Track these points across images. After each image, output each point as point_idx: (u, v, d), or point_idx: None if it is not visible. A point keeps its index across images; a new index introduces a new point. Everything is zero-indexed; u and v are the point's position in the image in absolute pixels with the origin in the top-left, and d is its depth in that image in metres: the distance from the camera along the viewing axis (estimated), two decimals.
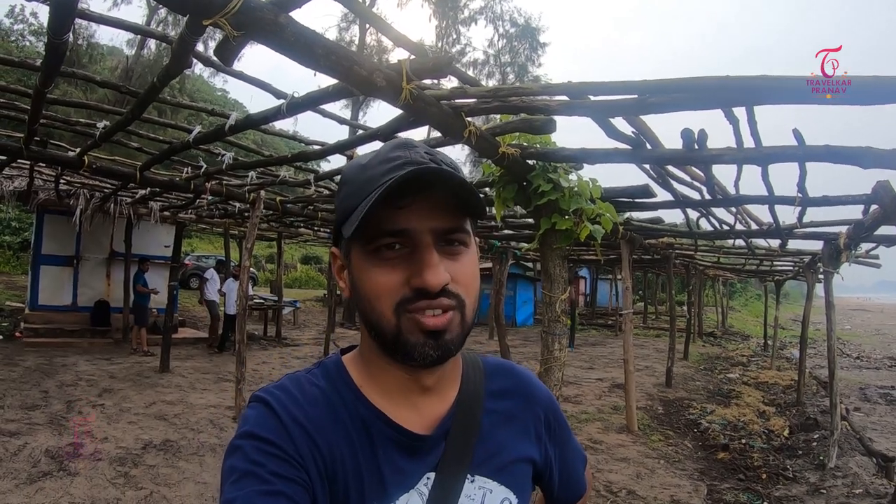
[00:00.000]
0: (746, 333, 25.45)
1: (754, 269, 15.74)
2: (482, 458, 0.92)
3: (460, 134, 3.05)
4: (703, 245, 10.50)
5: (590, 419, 8.12)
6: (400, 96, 2.44)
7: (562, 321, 4.11)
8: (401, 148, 0.84)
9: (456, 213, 0.82)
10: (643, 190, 4.82)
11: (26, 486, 4.75)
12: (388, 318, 0.80)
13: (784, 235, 7.05)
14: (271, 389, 0.86)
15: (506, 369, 1.06)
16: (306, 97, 3.23)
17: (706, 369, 13.87)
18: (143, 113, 4.22)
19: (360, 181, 0.82)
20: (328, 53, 2.16)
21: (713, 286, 27.16)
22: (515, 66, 35.37)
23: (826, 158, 2.72)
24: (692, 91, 2.27)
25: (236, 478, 0.76)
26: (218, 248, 29.26)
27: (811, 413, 9.05)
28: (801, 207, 5.14)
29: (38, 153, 5.90)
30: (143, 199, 9.68)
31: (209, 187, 7.20)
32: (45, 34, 2.78)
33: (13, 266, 23.04)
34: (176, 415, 7.18)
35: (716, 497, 5.60)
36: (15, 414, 6.61)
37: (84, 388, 8.15)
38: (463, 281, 0.82)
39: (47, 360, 9.74)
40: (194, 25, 2.28)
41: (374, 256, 0.80)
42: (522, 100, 2.73)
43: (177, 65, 2.88)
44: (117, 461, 5.48)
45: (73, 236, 12.13)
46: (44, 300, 12.18)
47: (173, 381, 9.08)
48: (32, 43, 25.67)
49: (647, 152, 3.39)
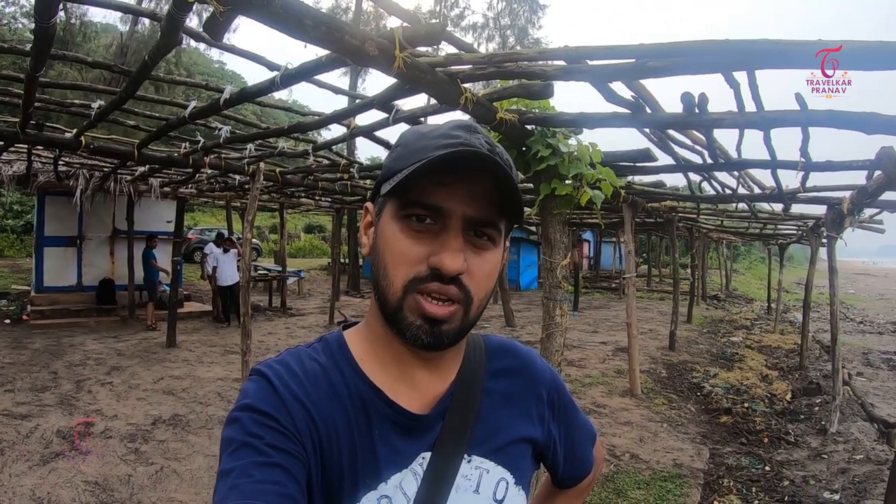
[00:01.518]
0: (750, 297, 25.47)
1: (758, 233, 15.68)
2: (480, 438, 0.92)
3: (456, 101, 3.01)
4: (706, 208, 10.46)
5: (593, 383, 8.19)
6: (393, 65, 2.41)
7: (563, 287, 4.11)
8: (463, 129, 0.84)
9: (493, 207, 0.82)
10: (644, 154, 4.78)
11: (39, 467, 4.83)
12: (395, 289, 0.80)
13: (787, 200, 7.01)
14: (271, 363, 0.86)
15: (507, 349, 1.05)
16: (300, 68, 3.19)
17: (710, 332, 13.93)
18: (137, 91, 4.19)
19: (414, 147, 0.82)
20: (318, 24, 2.12)
21: (717, 249, 27.12)
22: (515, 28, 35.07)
23: (829, 123, 2.68)
24: (691, 55, 2.24)
25: (234, 448, 0.76)
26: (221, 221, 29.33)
27: (814, 377, 9.10)
28: (803, 172, 5.10)
29: (35, 136, 5.91)
30: (143, 176, 9.68)
31: (208, 161, 7.20)
32: (32, 19, 2.74)
33: (17, 249, 23.20)
34: (184, 389, 7.28)
35: (718, 461, 5.67)
36: (25, 396, 6.70)
37: (92, 366, 8.26)
38: (478, 277, 0.82)
39: (55, 341, 9.84)
40: (181, 2, 2.26)
41: (404, 223, 0.81)
42: (519, 65, 2.70)
43: (167, 42, 2.85)
44: (128, 438, 5.58)
45: (74, 217, 12.22)
46: (49, 281, 12.29)
47: (180, 356, 9.20)
48: (25, 25, 25.36)
49: (647, 116, 3.35)
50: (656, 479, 5.02)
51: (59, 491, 4.42)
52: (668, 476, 5.08)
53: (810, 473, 5.43)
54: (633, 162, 5.02)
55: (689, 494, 4.79)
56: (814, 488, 5.09)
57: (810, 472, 5.47)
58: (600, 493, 4.70)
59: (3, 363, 8.19)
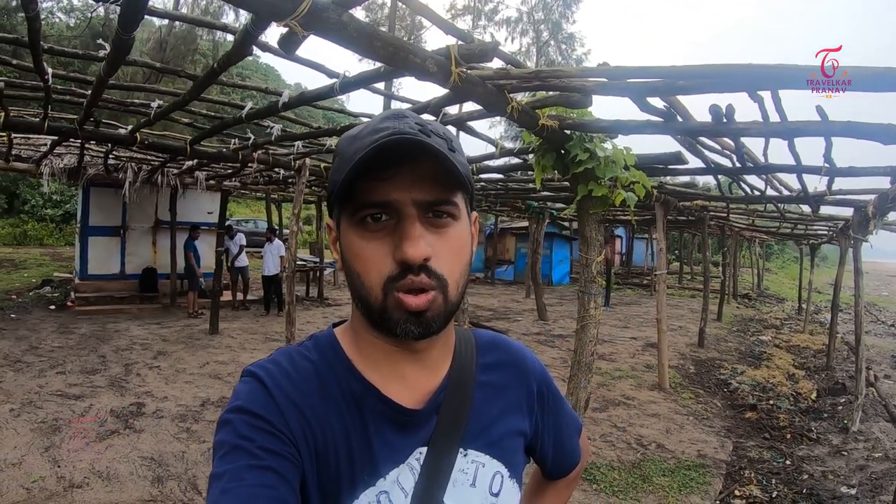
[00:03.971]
0: (782, 296, 25.06)
1: (789, 232, 15.55)
2: (475, 431, 0.92)
3: (503, 109, 3.27)
4: (737, 208, 10.51)
5: (623, 376, 8.34)
6: (450, 79, 2.67)
7: (597, 282, 4.35)
8: (390, 118, 0.83)
9: (440, 184, 0.81)
10: (675, 157, 4.98)
11: (96, 443, 5.10)
12: (375, 294, 0.80)
13: (813, 202, 7.12)
14: (264, 364, 0.87)
15: (497, 343, 1.06)
16: (358, 76, 3.45)
17: (739, 331, 13.90)
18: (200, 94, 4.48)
19: (349, 153, 0.80)
20: (386, 45, 2.39)
21: (749, 247, 26.72)
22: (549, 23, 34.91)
23: (847, 134, 2.86)
24: (717, 77, 2.45)
25: (225, 451, 0.77)
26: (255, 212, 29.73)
27: (839, 378, 9.12)
28: (828, 177, 5.24)
29: (92, 132, 6.14)
30: (190, 170, 9.95)
31: (257, 157, 7.47)
32: (115, 31, 2.85)
33: (56, 238, 23.65)
34: (229, 373, 7.54)
35: (741, 453, 5.81)
36: (77, 378, 6.99)
37: (139, 351, 8.55)
38: (446, 257, 0.81)
39: (100, 327, 10.16)
40: (261, 22, 2.46)
41: (360, 228, 0.80)
42: (562, 81, 2.94)
43: (238, 52, 3.05)
44: (178, 418, 5.84)
45: (119, 207, 12.58)
46: (93, 269, 12.64)
47: (223, 342, 9.46)
48: (62, 20, 25.41)
49: (678, 125, 3.55)
50: (680, 467, 5.20)
51: (117, 465, 4.68)
52: (692, 465, 5.26)
53: (829, 469, 5.56)
54: (665, 165, 5.20)
55: (711, 483, 4.97)
56: (832, 482, 5.22)
57: (829, 467, 5.60)
58: (627, 478, 4.91)
59: (53, 347, 8.51)
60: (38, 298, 12.56)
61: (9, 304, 11.69)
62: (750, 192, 7.47)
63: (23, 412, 5.75)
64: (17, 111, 6.86)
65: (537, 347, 10.15)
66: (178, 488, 4.40)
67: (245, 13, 2.47)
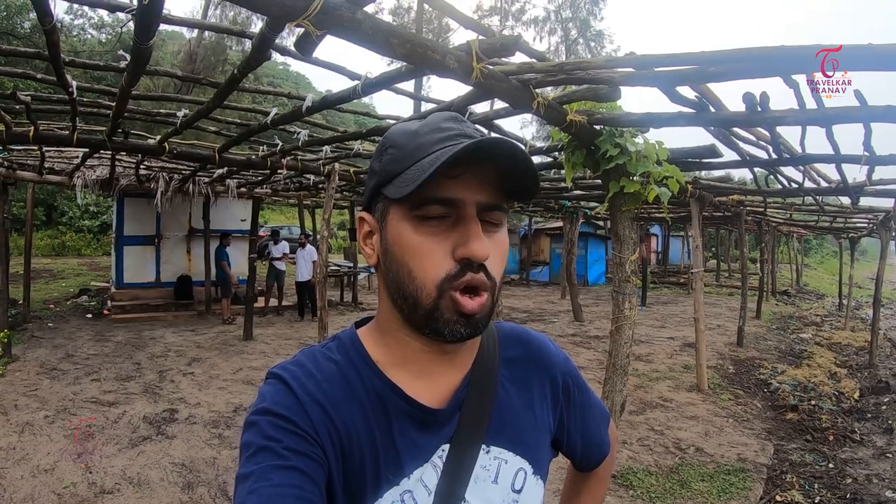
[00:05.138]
0: (821, 292, 24.58)
1: (828, 226, 15.17)
2: (497, 427, 0.92)
3: (529, 105, 3.18)
4: (774, 202, 10.28)
5: (661, 377, 8.20)
6: (471, 75, 2.59)
7: (632, 281, 4.24)
8: (453, 120, 0.84)
9: (498, 190, 0.82)
10: (709, 150, 4.84)
11: (128, 449, 5.14)
12: (428, 291, 0.80)
13: (853, 193, 6.89)
14: (287, 366, 0.88)
15: (519, 335, 1.05)
16: (380, 77, 3.39)
17: (778, 329, 13.62)
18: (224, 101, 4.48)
19: (410, 147, 0.81)
20: (403, 42, 2.32)
21: (787, 243, 26.26)
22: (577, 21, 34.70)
23: (888, 119, 2.73)
24: (750, 60, 2.34)
25: (252, 452, 0.77)
26: (289, 219, 30.05)
27: (883, 376, 8.86)
28: (868, 166, 5.06)
29: (121, 143, 6.18)
30: (221, 178, 10.03)
31: (285, 163, 7.47)
32: (132, 40, 2.88)
33: (94, 248, 24.18)
34: (262, 379, 7.50)
35: (782, 457, 5.63)
36: (112, 385, 7.07)
37: (174, 358, 8.63)
38: (497, 261, 0.83)
39: (136, 335, 10.29)
40: (275, 24, 2.43)
41: (420, 223, 0.80)
42: (588, 73, 2.84)
43: (257, 57, 3.05)
44: (211, 424, 5.86)
45: (153, 217, 12.74)
46: (129, 278, 12.86)
47: (257, 348, 9.51)
48: (94, 36, 25.93)
49: (710, 115, 3.44)
50: (720, 472, 5.05)
51: (148, 471, 4.71)
52: (732, 470, 5.10)
53: (874, 472, 5.36)
54: (699, 158, 5.07)
55: (752, 488, 4.81)
56: (876, 486, 5.04)
57: (874, 470, 5.41)
58: (665, 483, 4.78)
59: (89, 354, 8.64)
60: (75, 307, 12.82)
61: (47, 314, 11.93)
62: (787, 184, 7.24)
63: (57, 419, 5.82)
64: (47, 124, 6.96)
65: (573, 349, 10.03)
66: (209, 494, 4.41)
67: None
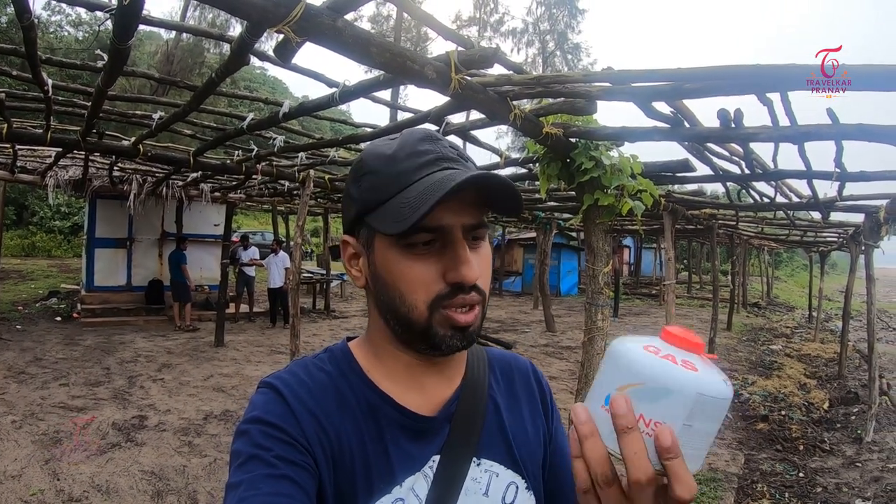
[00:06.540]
0: (791, 304, 24.94)
1: (799, 240, 15.43)
2: (488, 441, 0.92)
3: (506, 117, 3.20)
4: (746, 216, 10.43)
5: None
6: (450, 86, 2.60)
7: (605, 293, 4.27)
8: (428, 141, 0.84)
9: (480, 209, 0.83)
10: (683, 164, 4.90)
11: (97, 457, 5.07)
12: (419, 311, 0.81)
13: (824, 208, 7.02)
14: (280, 375, 0.87)
15: (507, 358, 1.07)
16: (357, 85, 3.39)
17: (749, 340, 13.82)
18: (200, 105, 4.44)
19: (390, 174, 0.81)
20: (383, 51, 2.32)
21: (758, 256, 26.61)
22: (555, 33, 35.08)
23: (859, 137, 2.79)
24: (725, 78, 2.38)
25: (242, 461, 0.76)
26: (263, 224, 29.82)
27: (852, 387, 9.00)
28: (839, 182, 5.16)
29: (95, 144, 6.12)
30: (195, 182, 9.94)
31: (260, 169, 7.43)
32: (110, 40, 2.84)
33: (64, 249, 23.77)
34: (233, 386, 7.50)
35: (753, 466, 5.71)
36: (80, 390, 6.98)
37: (143, 363, 8.53)
38: (484, 275, 0.84)
39: (106, 339, 10.15)
40: (255, 29, 2.42)
41: (407, 250, 0.81)
42: (565, 86, 2.87)
43: (235, 62, 2.99)
44: (181, 431, 5.80)
45: (125, 219, 12.60)
46: (99, 281, 12.69)
47: (228, 355, 9.44)
48: (70, 33, 25.58)
49: (685, 130, 3.48)
50: None
51: (117, 479, 4.65)
52: (703, 479, 5.13)
53: (843, 481, 5.45)
54: (673, 172, 5.12)
55: (723, 498, 4.86)
56: (846, 495, 5.12)
57: (843, 479, 5.50)
58: None
59: (57, 358, 8.51)
60: (44, 310, 12.59)
61: (15, 315, 11.71)
62: (759, 199, 7.36)
63: (24, 424, 5.72)
64: (22, 122, 6.85)
65: (545, 359, 10.06)
66: (178, 503, 4.34)
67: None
